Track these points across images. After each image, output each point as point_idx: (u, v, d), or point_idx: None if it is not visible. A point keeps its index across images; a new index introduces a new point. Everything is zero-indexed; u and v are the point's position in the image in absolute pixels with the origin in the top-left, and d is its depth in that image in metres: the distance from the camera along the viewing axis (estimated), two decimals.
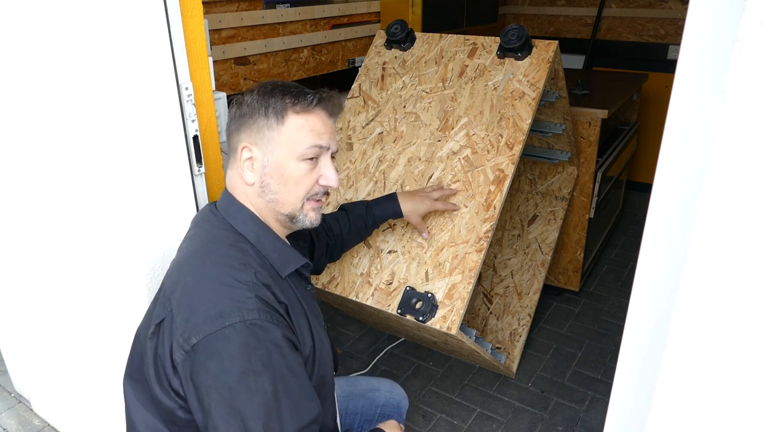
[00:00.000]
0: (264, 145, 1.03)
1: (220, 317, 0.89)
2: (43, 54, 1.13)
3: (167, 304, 0.96)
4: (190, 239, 1.07)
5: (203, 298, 0.92)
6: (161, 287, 1.03)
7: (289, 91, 1.04)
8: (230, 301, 0.91)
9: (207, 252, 1.00)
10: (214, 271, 0.95)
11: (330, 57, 2.71)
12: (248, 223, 1.05)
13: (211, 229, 1.05)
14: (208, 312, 0.90)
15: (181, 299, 0.94)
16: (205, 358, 0.88)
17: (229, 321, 0.88)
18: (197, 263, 0.98)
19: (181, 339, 0.90)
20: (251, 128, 1.04)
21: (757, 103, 0.58)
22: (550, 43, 1.64)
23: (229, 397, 0.87)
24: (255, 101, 1.04)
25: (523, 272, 2.40)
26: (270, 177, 1.04)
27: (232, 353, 0.87)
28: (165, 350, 0.94)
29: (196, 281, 0.95)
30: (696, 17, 0.64)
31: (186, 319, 0.91)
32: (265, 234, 1.05)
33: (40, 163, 1.33)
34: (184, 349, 0.90)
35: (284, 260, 1.05)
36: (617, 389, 0.87)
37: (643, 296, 0.79)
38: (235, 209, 1.06)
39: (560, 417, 2.04)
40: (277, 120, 1.03)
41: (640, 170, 3.76)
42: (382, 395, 1.46)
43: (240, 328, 0.88)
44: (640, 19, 3.65)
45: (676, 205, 0.71)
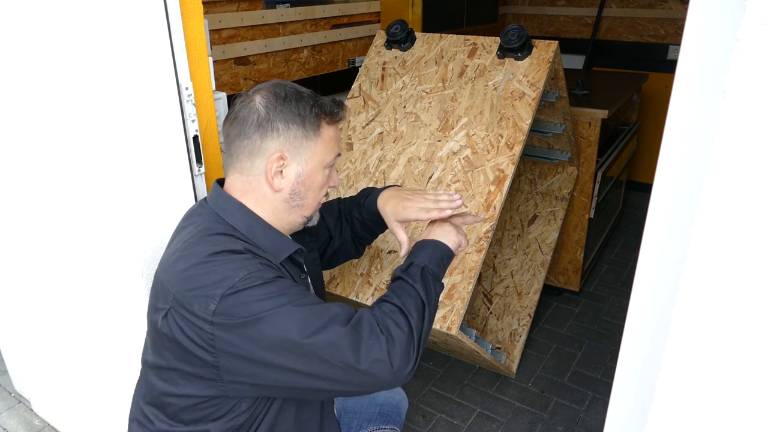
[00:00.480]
0: (301, 155, 1.05)
1: (227, 279, 0.92)
2: (43, 54, 1.14)
3: (168, 297, 0.97)
4: (180, 232, 1.08)
5: (204, 275, 0.94)
6: (156, 281, 1.04)
7: (313, 101, 1.06)
8: (231, 265, 0.94)
9: (199, 241, 1.01)
10: (209, 249, 0.98)
11: (330, 57, 2.71)
12: (237, 214, 1.06)
13: (202, 222, 1.06)
14: (213, 280, 0.93)
15: (181, 286, 0.96)
16: (231, 312, 0.91)
17: (238, 276, 0.92)
18: (190, 252, 0.99)
19: (200, 313, 0.92)
20: (285, 137, 1.03)
21: (757, 103, 0.58)
22: (550, 43, 1.64)
23: (269, 330, 0.90)
24: (280, 109, 1.03)
25: (523, 272, 2.40)
26: (302, 185, 1.07)
27: (252, 297, 0.91)
28: (180, 334, 0.95)
29: (193, 266, 0.97)
30: (696, 17, 0.64)
31: (194, 299, 0.93)
32: (255, 224, 1.06)
33: (41, 164, 1.33)
34: (206, 320, 0.91)
35: (277, 247, 1.07)
36: (617, 389, 0.87)
37: (643, 296, 0.79)
38: (223, 201, 1.07)
39: (560, 417, 2.04)
40: (315, 132, 1.05)
41: (640, 170, 3.76)
42: (381, 394, 1.46)
43: (247, 277, 0.93)
44: (640, 19, 3.65)
45: (676, 205, 0.71)
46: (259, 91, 1.06)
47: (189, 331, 0.93)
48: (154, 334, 1.02)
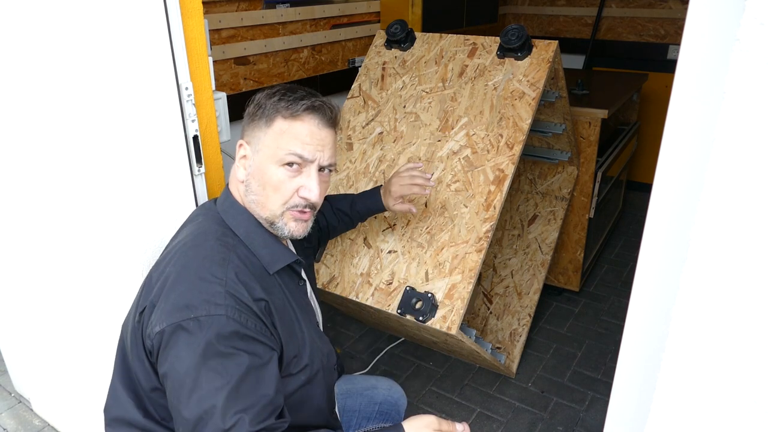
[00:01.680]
0: (254, 144, 1.06)
1: (186, 308, 0.91)
2: (43, 54, 1.14)
3: (149, 294, 0.98)
4: (181, 230, 1.10)
5: (177, 289, 0.94)
6: (149, 277, 1.04)
7: (287, 96, 1.05)
8: (200, 293, 0.92)
9: (194, 245, 1.01)
10: (195, 264, 0.97)
11: (330, 57, 2.71)
12: (239, 217, 1.06)
13: (203, 222, 1.07)
14: (177, 302, 0.92)
15: (161, 289, 0.96)
16: (166, 345, 0.91)
17: (194, 313, 0.90)
18: (183, 256, 1.00)
19: (150, 327, 0.93)
20: (249, 127, 1.07)
21: (757, 103, 0.58)
22: (550, 43, 1.64)
23: (180, 383, 0.89)
24: (258, 101, 1.07)
25: (523, 272, 2.40)
26: (252, 177, 1.05)
27: (190, 344, 0.89)
28: (144, 334, 0.97)
29: (177, 273, 0.97)
30: (696, 17, 0.64)
31: (159, 308, 0.94)
32: (255, 230, 1.06)
33: (41, 164, 1.33)
34: (150, 336, 0.93)
35: (273, 257, 1.06)
36: (617, 389, 0.87)
37: (643, 296, 0.79)
38: (229, 204, 1.08)
39: (560, 417, 2.04)
40: (266, 122, 1.04)
41: (640, 170, 3.76)
42: (380, 393, 1.46)
43: (203, 321, 0.90)
44: (640, 19, 3.65)
45: (676, 205, 0.71)
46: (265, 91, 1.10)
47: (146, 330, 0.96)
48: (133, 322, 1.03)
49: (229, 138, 1.38)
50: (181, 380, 0.89)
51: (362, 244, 1.62)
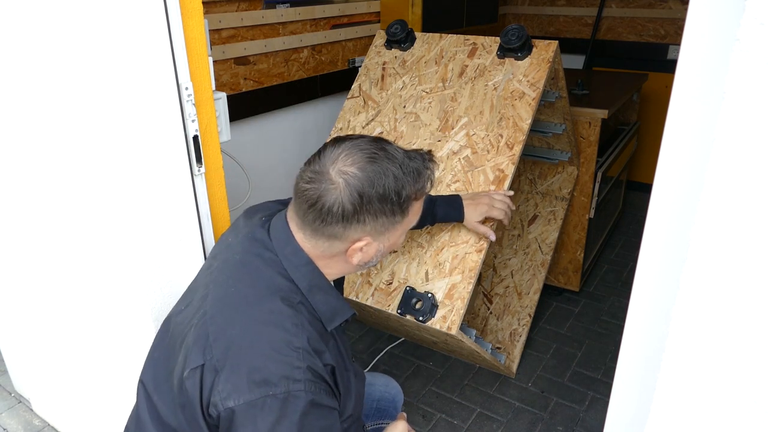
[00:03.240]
0: (385, 236, 0.99)
1: (264, 384, 0.86)
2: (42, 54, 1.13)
3: (208, 351, 0.91)
4: (237, 272, 0.99)
5: (249, 360, 0.88)
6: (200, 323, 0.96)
7: (406, 182, 0.95)
8: (278, 368, 0.87)
9: (257, 301, 0.94)
10: (266, 330, 0.90)
11: (330, 57, 2.71)
12: (302, 269, 0.98)
13: (264, 268, 0.97)
14: (252, 377, 0.86)
15: (227, 354, 0.89)
16: (240, 423, 0.86)
17: (272, 391, 0.85)
18: (247, 315, 0.93)
19: (219, 397, 0.87)
20: (372, 227, 0.96)
21: (757, 103, 0.58)
22: (550, 43, 1.64)
23: None
24: (368, 202, 0.93)
25: (523, 272, 2.40)
26: (382, 256, 1.03)
27: (268, 423, 0.85)
28: (199, 396, 0.91)
29: (245, 338, 0.90)
30: (696, 17, 0.64)
31: (227, 379, 0.87)
32: (318, 283, 0.99)
33: (39, 163, 1.33)
34: (218, 408, 0.87)
35: (332, 313, 1.00)
36: (617, 389, 0.87)
37: (643, 296, 0.79)
38: (291, 251, 0.98)
39: (560, 417, 2.04)
40: (403, 215, 0.98)
41: (640, 170, 3.76)
42: (377, 390, 1.46)
43: (282, 399, 0.86)
44: (640, 19, 3.65)
45: (676, 205, 0.71)
46: (345, 174, 0.93)
47: (206, 395, 0.90)
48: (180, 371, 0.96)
49: (229, 138, 1.38)
50: None
51: None
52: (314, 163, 0.96)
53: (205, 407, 0.90)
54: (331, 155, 0.95)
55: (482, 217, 1.43)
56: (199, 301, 1.02)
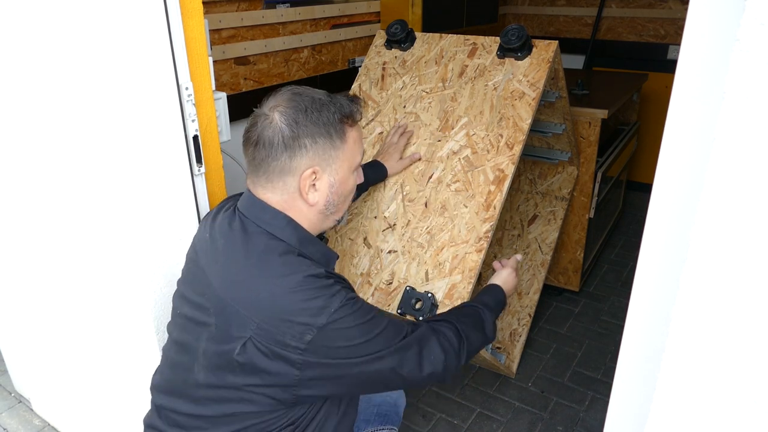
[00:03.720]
0: (331, 165, 1.05)
1: (324, 309, 0.94)
2: (43, 54, 1.13)
3: (249, 324, 0.96)
4: (234, 252, 1.03)
5: (297, 305, 0.95)
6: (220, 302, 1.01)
7: (334, 106, 1.04)
8: (323, 293, 0.96)
9: (265, 263, 1.00)
10: (290, 279, 0.97)
11: (330, 57, 2.71)
12: (287, 229, 1.04)
13: (254, 240, 1.03)
14: (310, 309, 0.94)
15: (273, 313, 0.95)
16: (327, 342, 0.95)
17: (333, 306, 0.95)
18: (264, 278, 0.98)
19: (293, 342, 0.94)
20: (314, 152, 1.02)
21: (757, 103, 0.58)
22: (550, 43, 1.64)
23: (366, 356, 0.97)
24: (303, 124, 1.01)
25: (523, 272, 2.40)
26: (336, 195, 1.08)
27: (346, 325, 0.96)
28: (269, 362, 0.96)
29: (277, 294, 0.96)
30: (696, 17, 0.64)
31: (289, 327, 0.94)
32: (303, 235, 1.06)
33: (40, 163, 1.33)
34: (300, 348, 0.94)
35: (325, 258, 1.10)
36: (617, 389, 0.87)
37: (643, 296, 0.79)
38: (269, 216, 1.04)
39: (560, 417, 2.04)
40: (341, 139, 1.04)
41: (640, 170, 3.76)
42: (378, 394, 1.46)
43: (341, 307, 0.96)
44: (640, 19, 3.65)
45: (676, 205, 0.71)
46: (277, 107, 1.03)
47: (274, 356, 0.95)
48: (215, 358, 1.00)
49: (229, 138, 1.38)
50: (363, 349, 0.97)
51: (362, 244, 1.62)
52: (252, 115, 1.07)
53: (276, 363, 0.96)
54: (263, 103, 1.07)
55: (398, 157, 1.62)
56: (198, 301, 1.05)
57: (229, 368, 0.99)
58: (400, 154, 1.64)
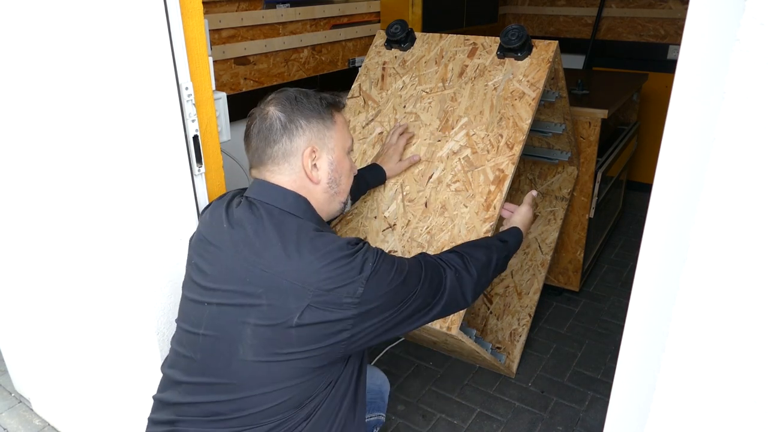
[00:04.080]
0: (326, 144, 1.15)
1: (365, 265, 1.03)
2: (43, 54, 1.14)
3: (305, 294, 1.02)
4: (268, 234, 1.08)
5: (344, 266, 1.02)
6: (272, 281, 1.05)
7: (319, 96, 1.17)
8: (361, 256, 1.04)
9: (300, 237, 1.07)
10: (329, 247, 1.05)
11: (330, 57, 2.71)
12: (308, 210, 1.14)
13: (286, 220, 1.10)
14: (355, 269, 1.03)
15: (326, 278, 1.02)
16: (377, 290, 1.04)
17: (371, 261, 1.04)
18: (303, 250, 1.04)
19: (349, 300, 1.02)
20: (309, 131, 1.14)
21: (757, 103, 0.58)
22: (550, 43, 1.64)
23: (409, 292, 1.09)
24: (297, 109, 1.13)
25: (523, 272, 2.40)
26: (337, 173, 1.18)
27: (386, 271, 1.06)
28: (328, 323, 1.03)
29: (322, 262, 1.03)
30: (696, 17, 0.64)
31: (343, 286, 1.02)
32: (319, 218, 1.17)
33: (40, 164, 1.33)
34: (354, 303, 1.02)
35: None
36: (617, 389, 0.87)
37: (643, 296, 0.79)
38: (292, 199, 1.13)
39: (560, 417, 2.04)
40: (331, 120, 1.16)
41: (640, 170, 3.76)
42: None
43: (377, 260, 1.05)
44: (640, 19, 3.65)
45: (676, 205, 0.71)
46: (269, 102, 1.16)
47: (331, 315, 1.02)
48: (268, 333, 1.04)
49: (229, 138, 1.38)
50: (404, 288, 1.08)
51: None
52: (248, 116, 1.19)
53: (332, 321, 1.03)
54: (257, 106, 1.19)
55: (398, 159, 1.64)
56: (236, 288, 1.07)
57: (285, 339, 1.03)
58: (400, 155, 1.65)
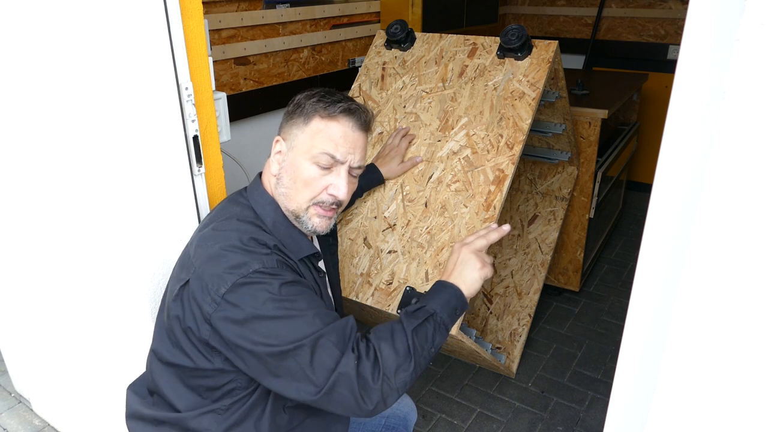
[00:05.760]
0: (290, 140, 1.12)
1: (243, 266, 0.96)
2: (43, 54, 1.13)
3: (190, 267, 1.02)
4: (214, 215, 1.13)
5: (227, 255, 0.98)
6: (184, 256, 1.09)
7: (325, 98, 1.11)
8: (252, 254, 0.98)
9: (226, 223, 1.07)
10: (235, 235, 1.02)
11: (330, 57, 2.71)
12: (267, 207, 1.11)
13: (235, 207, 1.11)
14: (231, 263, 0.97)
15: (205, 261, 0.99)
16: (237, 301, 0.95)
17: (252, 268, 0.96)
18: (218, 234, 1.04)
19: (212, 291, 0.96)
20: (287, 124, 1.13)
21: (757, 103, 0.58)
22: (550, 43, 1.64)
23: (267, 327, 0.94)
24: (298, 101, 1.13)
25: (523, 272, 2.40)
26: (285, 171, 1.11)
27: (258, 292, 0.95)
28: (193, 306, 0.99)
29: (219, 244, 1.00)
30: (696, 17, 0.64)
31: (212, 274, 0.97)
32: (281, 220, 1.11)
33: (40, 163, 1.33)
34: (215, 300, 0.95)
35: (297, 246, 1.11)
36: (617, 389, 0.87)
37: (643, 296, 0.79)
38: (258, 193, 1.13)
39: (560, 417, 2.04)
40: (304, 120, 1.10)
41: (640, 170, 3.76)
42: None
43: (262, 272, 0.96)
44: (640, 19, 3.65)
45: (676, 205, 0.71)
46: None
47: (194, 303, 0.98)
48: (168, 301, 1.07)
49: (229, 138, 1.38)
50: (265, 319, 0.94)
51: (362, 245, 1.62)
52: None
53: (195, 318, 0.98)
54: None
55: (399, 161, 1.61)
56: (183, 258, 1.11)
57: (171, 310, 1.05)
58: (402, 157, 1.64)
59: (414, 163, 1.63)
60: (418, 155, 1.64)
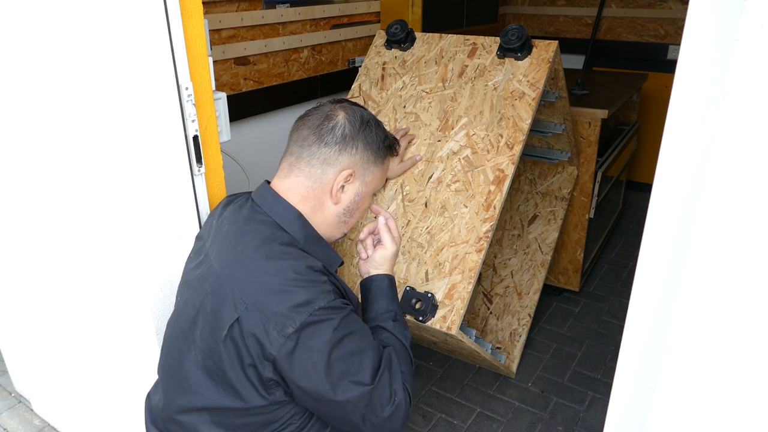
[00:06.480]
0: (366, 176, 1.14)
1: (308, 304, 0.95)
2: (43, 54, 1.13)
3: (239, 303, 0.97)
4: (237, 236, 1.06)
5: (290, 291, 0.96)
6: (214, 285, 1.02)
7: (385, 132, 1.17)
8: (313, 287, 0.97)
9: (264, 246, 1.02)
10: (287, 264, 0.99)
11: (330, 57, 2.71)
12: (295, 223, 1.09)
13: (262, 227, 1.06)
14: (297, 301, 0.95)
15: (263, 295, 0.96)
16: (307, 340, 0.94)
17: (318, 305, 0.95)
18: (260, 260, 1.00)
19: (275, 332, 0.94)
20: (360, 157, 1.12)
21: (757, 103, 0.58)
22: (550, 43, 1.64)
23: (338, 365, 0.96)
24: (364, 130, 1.12)
25: (523, 272, 2.40)
26: (356, 204, 1.15)
27: (327, 330, 0.95)
28: (250, 344, 0.96)
29: (268, 276, 0.98)
30: (696, 17, 0.64)
31: (276, 312, 0.94)
32: (312, 234, 1.11)
33: (40, 164, 1.33)
34: (279, 340, 0.94)
35: (329, 258, 1.13)
36: (617, 389, 0.87)
37: (643, 296, 0.79)
38: (281, 207, 1.09)
39: (560, 417, 2.04)
40: (381, 160, 1.17)
41: (640, 170, 3.76)
42: None
43: (326, 307, 0.96)
44: (640, 19, 3.65)
45: (676, 205, 0.71)
46: (344, 107, 1.14)
47: (253, 341, 0.95)
48: (209, 341, 1.01)
49: (229, 138, 1.38)
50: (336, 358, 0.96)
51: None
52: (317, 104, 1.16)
53: (254, 357, 0.96)
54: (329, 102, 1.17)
55: (399, 161, 1.60)
56: (199, 280, 1.06)
57: (218, 349, 1.00)
58: (401, 157, 1.64)
59: (414, 162, 1.63)
60: (417, 154, 1.64)
